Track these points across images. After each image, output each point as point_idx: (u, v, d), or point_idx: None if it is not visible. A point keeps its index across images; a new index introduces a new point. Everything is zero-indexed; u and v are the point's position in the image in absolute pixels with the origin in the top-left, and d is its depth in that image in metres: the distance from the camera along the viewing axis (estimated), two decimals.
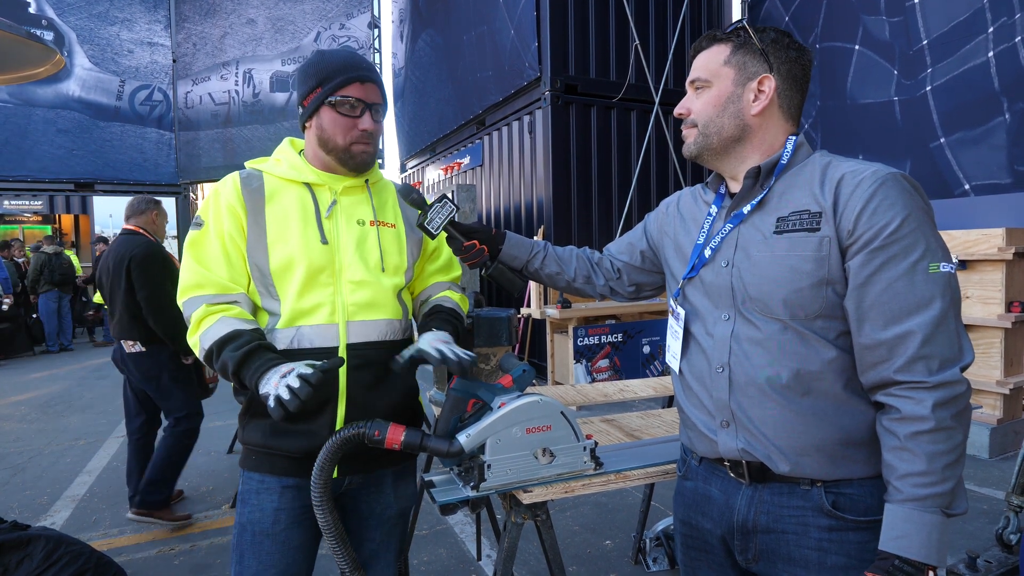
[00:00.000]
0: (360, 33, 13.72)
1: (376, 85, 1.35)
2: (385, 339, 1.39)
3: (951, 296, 0.95)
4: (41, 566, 2.06)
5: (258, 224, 1.32)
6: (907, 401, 0.94)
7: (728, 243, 1.13)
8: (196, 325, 1.30)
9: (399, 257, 1.45)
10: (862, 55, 5.76)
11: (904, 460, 0.94)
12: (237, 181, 1.36)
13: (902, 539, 0.92)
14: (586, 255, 1.51)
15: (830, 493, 1.04)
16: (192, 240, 1.33)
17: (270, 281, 1.32)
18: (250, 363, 1.22)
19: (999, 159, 4.80)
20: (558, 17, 6.49)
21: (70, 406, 5.98)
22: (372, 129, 1.35)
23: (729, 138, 1.12)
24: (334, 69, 1.32)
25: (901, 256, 0.95)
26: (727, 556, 1.18)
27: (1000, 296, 3.96)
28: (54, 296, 9.01)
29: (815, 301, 1.01)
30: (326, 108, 1.33)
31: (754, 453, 1.08)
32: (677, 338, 1.21)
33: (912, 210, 0.96)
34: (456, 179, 9.26)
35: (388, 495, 1.45)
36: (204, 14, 13.32)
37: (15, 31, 1.96)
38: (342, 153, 1.35)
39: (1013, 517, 2.44)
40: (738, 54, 1.10)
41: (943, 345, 0.94)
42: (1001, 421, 4.01)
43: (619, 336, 5.79)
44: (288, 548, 1.34)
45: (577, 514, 3.32)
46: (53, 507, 3.55)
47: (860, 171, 1.01)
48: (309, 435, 1.30)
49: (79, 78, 12.46)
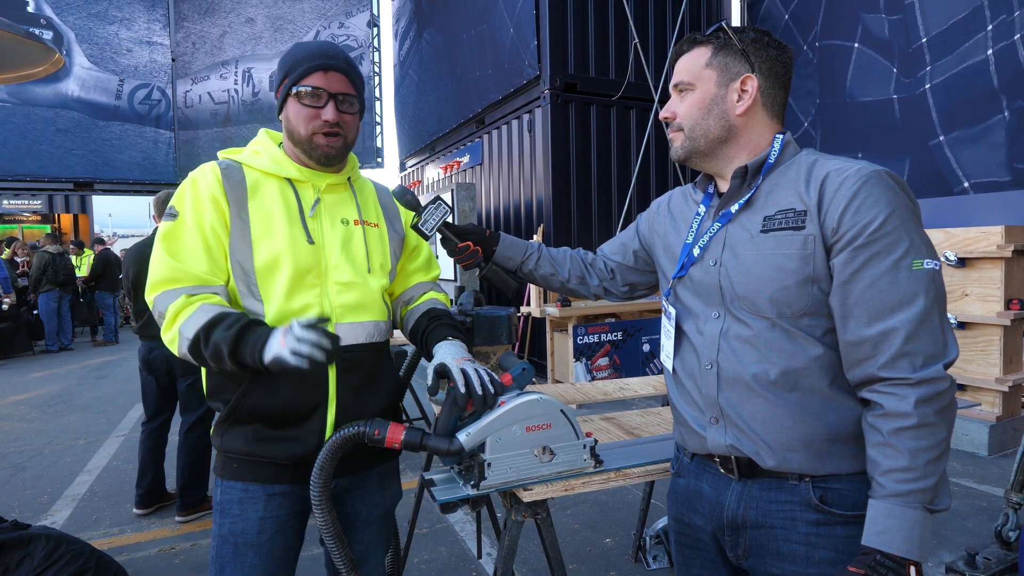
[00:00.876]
0: (359, 32, 13.73)
1: (342, 74, 1.29)
2: (372, 341, 1.36)
3: (935, 293, 0.96)
4: (42, 565, 2.07)
5: (241, 219, 1.26)
6: (890, 397, 0.95)
7: (716, 242, 1.14)
8: (173, 317, 1.20)
9: (384, 257, 1.43)
10: (861, 53, 5.77)
11: (887, 456, 0.94)
12: (217, 172, 1.28)
13: (884, 534, 0.93)
14: (580, 256, 1.51)
15: (818, 488, 1.05)
16: (165, 232, 1.24)
17: (253, 281, 1.26)
18: (246, 338, 1.14)
19: (998, 157, 4.80)
20: (557, 15, 6.49)
21: (70, 405, 5.98)
22: (335, 119, 1.28)
23: (715, 139, 1.13)
24: (298, 59, 1.28)
25: (884, 253, 0.96)
26: (719, 553, 1.19)
27: (999, 294, 3.97)
28: (55, 296, 9.01)
29: (801, 299, 1.02)
30: (291, 99, 1.29)
31: (742, 448, 1.09)
32: (670, 337, 1.22)
33: (896, 207, 0.97)
34: (455, 178, 9.26)
35: (375, 495, 1.44)
36: (203, 13, 13.31)
37: (14, 30, 1.96)
38: (305, 144, 1.30)
39: (1012, 514, 2.45)
40: (719, 55, 1.11)
41: (927, 342, 0.94)
42: (1000, 418, 4.02)
43: (619, 334, 5.79)
44: (271, 559, 1.30)
45: (577, 512, 3.33)
46: (53, 506, 3.55)
47: (844, 169, 1.01)
48: (298, 441, 1.26)
49: (78, 77, 12.46)
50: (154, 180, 13.04)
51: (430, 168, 10.51)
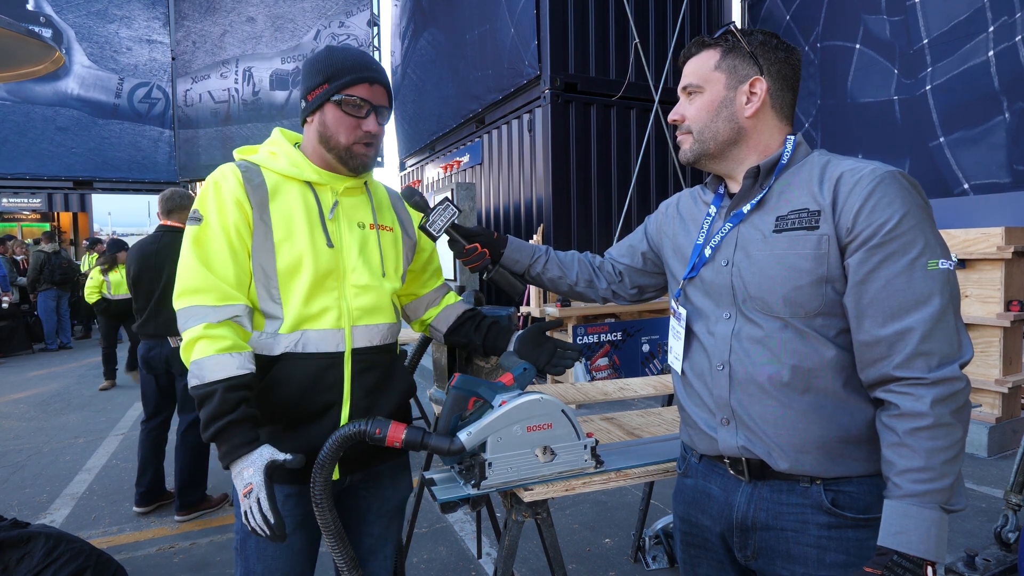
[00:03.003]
0: (359, 31, 13.72)
1: (384, 88, 1.33)
2: (386, 343, 1.40)
3: (950, 293, 0.96)
4: (41, 563, 2.06)
5: (264, 222, 1.27)
6: (906, 397, 0.94)
7: (728, 242, 1.13)
8: (190, 345, 1.21)
9: (397, 261, 1.45)
10: (863, 54, 5.77)
11: (903, 456, 0.94)
12: (239, 174, 1.28)
13: (901, 535, 0.92)
14: (587, 259, 1.51)
15: (829, 491, 1.05)
16: (194, 237, 1.25)
17: (275, 284, 1.28)
18: (221, 442, 1.17)
19: (998, 158, 4.81)
20: (558, 15, 6.48)
21: (69, 404, 5.98)
22: (375, 131, 1.32)
23: (725, 142, 1.13)
24: (344, 67, 1.29)
25: (900, 253, 0.96)
26: (726, 553, 1.19)
27: (999, 295, 3.97)
28: (52, 295, 8.99)
29: (814, 299, 1.02)
30: (331, 105, 1.30)
31: (754, 450, 1.08)
32: (679, 338, 1.21)
33: (911, 208, 0.96)
34: (455, 178, 9.25)
35: (387, 488, 1.46)
36: (204, 12, 13.31)
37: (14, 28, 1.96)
38: (343, 152, 1.32)
39: (1011, 515, 2.45)
40: (728, 58, 1.11)
41: (942, 341, 0.94)
42: (1000, 420, 4.01)
43: (618, 335, 5.79)
44: (292, 552, 1.34)
45: (577, 512, 3.32)
46: (53, 505, 3.55)
47: (859, 169, 1.01)
48: (311, 439, 1.28)
49: (78, 76, 12.44)
50: (154, 179, 13.03)
51: (430, 168, 10.50)
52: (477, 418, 1.27)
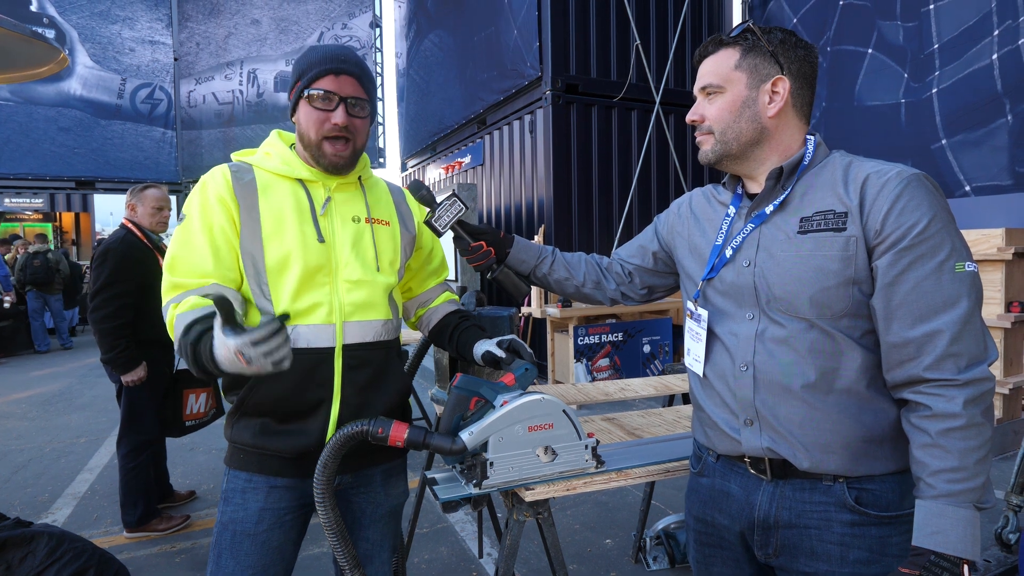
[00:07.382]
0: (362, 33, 13.76)
1: (353, 78, 1.29)
2: (380, 339, 1.38)
3: (976, 295, 0.97)
4: (44, 563, 2.07)
5: (252, 219, 1.28)
6: (938, 399, 0.95)
7: (749, 243, 1.13)
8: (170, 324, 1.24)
9: (394, 255, 1.43)
10: (874, 59, 5.75)
11: (936, 457, 0.94)
12: (227, 174, 1.30)
13: (938, 535, 0.93)
14: (595, 260, 1.50)
15: (853, 489, 1.05)
16: (175, 234, 1.29)
17: (264, 280, 1.28)
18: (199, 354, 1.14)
19: (1000, 160, 4.80)
20: (559, 17, 6.49)
21: (71, 404, 5.99)
22: (343, 122, 1.28)
23: (748, 142, 1.12)
24: (312, 62, 1.29)
25: (928, 256, 0.96)
26: (744, 551, 1.19)
27: (1000, 296, 3.97)
28: (36, 296, 8.98)
29: (841, 300, 1.02)
30: (303, 102, 1.30)
31: (779, 451, 1.08)
32: (699, 340, 1.20)
33: (937, 211, 0.98)
34: (456, 178, 9.26)
35: (379, 493, 1.45)
36: (207, 14, 13.35)
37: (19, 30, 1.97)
38: (315, 150, 1.31)
39: (1012, 516, 2.45)
40: (748, 57, 1.10)
41: (970, 343, 0.95)
42: (1000, 421, 4.02)
43: (619, 335, 5.80)
44: (267, 549, 1.32)
45: (578, 512, 3.33)
46: (55, 504, 3.56)
47: (885, 171, 1.01)
48: (302, 435, 1.29)
49: (80, 76, 12.47)
50: (156, 179, 13.03)
51: (431, 168, 10.52)
52: (479, 418, 1.28)
